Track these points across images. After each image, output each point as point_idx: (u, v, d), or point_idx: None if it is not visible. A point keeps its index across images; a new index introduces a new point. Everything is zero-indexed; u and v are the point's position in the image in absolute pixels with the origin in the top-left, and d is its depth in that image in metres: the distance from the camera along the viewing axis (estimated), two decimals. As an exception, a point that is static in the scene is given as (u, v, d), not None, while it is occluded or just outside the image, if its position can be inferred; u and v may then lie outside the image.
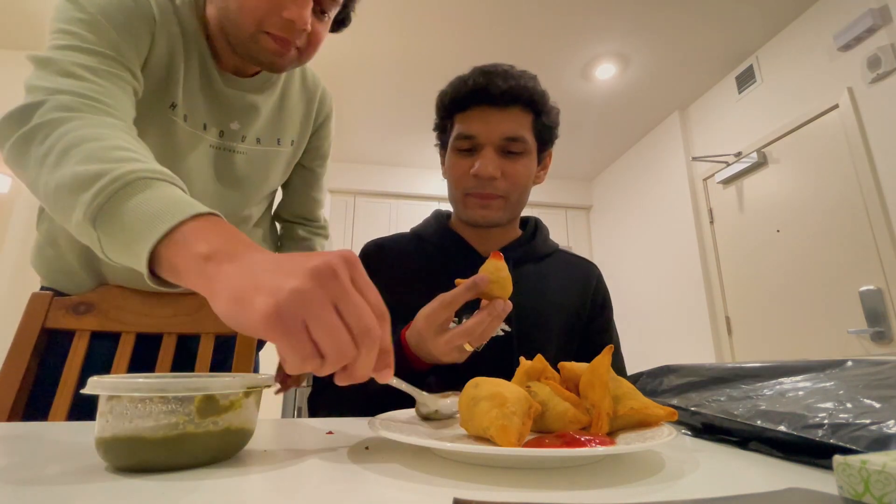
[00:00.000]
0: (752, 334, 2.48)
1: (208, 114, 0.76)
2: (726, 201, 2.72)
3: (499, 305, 0.51)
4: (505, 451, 0.29)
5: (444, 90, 0.76)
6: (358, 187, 3.98)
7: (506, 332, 0.72)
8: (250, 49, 0.69)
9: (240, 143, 0.80)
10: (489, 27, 2.40)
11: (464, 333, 0.52)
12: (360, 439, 0.41)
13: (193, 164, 0.76)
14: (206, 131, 0.76)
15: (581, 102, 3.06)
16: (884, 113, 1.89)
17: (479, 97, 0.71)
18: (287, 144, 0.87)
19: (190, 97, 0.73)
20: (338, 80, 2.88)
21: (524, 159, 0.74)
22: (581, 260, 0.86)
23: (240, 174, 0.82)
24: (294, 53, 0.71)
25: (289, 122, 0.86)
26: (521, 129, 0.72)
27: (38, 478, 0.29)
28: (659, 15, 2.31)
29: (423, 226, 0.86)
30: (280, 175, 0.89)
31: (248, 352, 0.86)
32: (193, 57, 0.71)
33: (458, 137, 0.73)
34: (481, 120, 0.71)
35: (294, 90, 0.87)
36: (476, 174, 0.70)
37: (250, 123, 0.80)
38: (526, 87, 0.71)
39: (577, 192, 4.35)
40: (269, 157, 0.84)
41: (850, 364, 0.39)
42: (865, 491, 0.21)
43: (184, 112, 0.73)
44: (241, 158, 0.81)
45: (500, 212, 0.74)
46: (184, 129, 0.73)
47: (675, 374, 0.50)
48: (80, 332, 0.79)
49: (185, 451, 0.31)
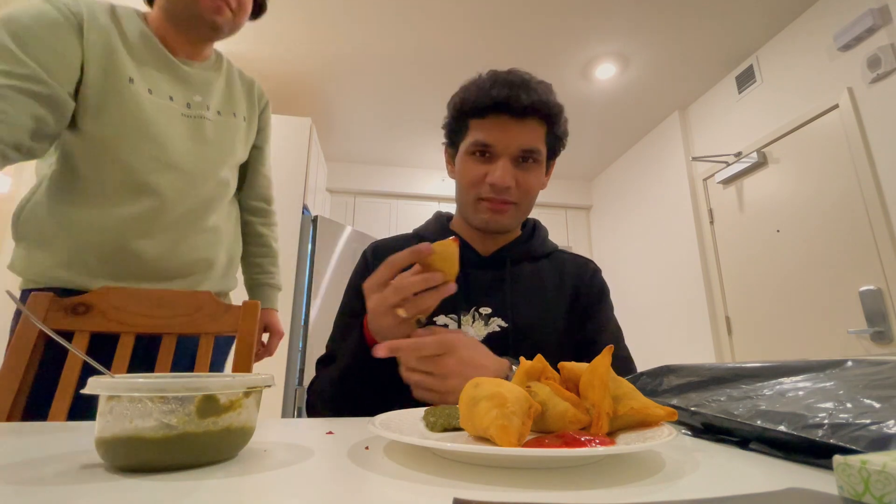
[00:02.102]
0: (752, 334, 2.48)
1: (172, 88, 0.90)
2: (726, 201, 2.72)
3: (437, 276, 0.52)
4: (505, 451, 0.29)
5: (463, 96, 0.75)
6: (358, 187, 3.98)
7: (502, 327, 0.72)
8: (192, 10, 0.87)
9: (206, 111, 0.95)
10: (490, 27, 2.40)
11: (394, 290, 0.52)
12: (360, 439, 0.41)
13: (169, 130, 0.88)
14: (173, 102, 0.90)
15: (581, 102, 3.06)
16: (884, 113, 1.89)
17: (499, 108, 0.71)
18: (241, 119, 1.02)
19: (149, 75, 0.87)
20: (338, 79, 2.88)
21: (536, 168, 0.75)
22: (578, 258, 0.86)
23: (211, 138, 0.94)
24: (229, 14, 0.90)
25: (238, 99, 1.03)
26: (536, 141, 0.73)
27: (38, 478, 0.29)
28: (659, 15, 2.31)
29: (424, 227, 0.87)
30: (242, 148, 1.03)
31: (248, 351, 0.86)
32: (133, 38, 0.87)
33: (475, 144, 0.73)
34: (500, 130, 0.72)
35: (235, 76, 1.05)
36: (493, 183, 0.71)
37: (210, 97, 0.96)
38: (546, 103, 0.72)
39: (577, 192, 4.35)
40: (231, 127, 0.99)
41: (850, 364, 0.39)
42: (865, 491, 0.21)
43: (147, 87, 0.86)
44: (210, 125, 0.95)
45: (511, 219, 0.76)
46: (152, 101, 0.86)
47: (675, 374, 0.50)
48: (79, 332, 0.79)
49: (185, 451, 0.31)
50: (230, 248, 1.03)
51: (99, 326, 0.80)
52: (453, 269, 0.53)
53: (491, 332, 0.72)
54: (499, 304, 0.74)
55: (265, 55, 2.63)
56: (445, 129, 0.81)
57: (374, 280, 0.55)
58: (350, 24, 2.36)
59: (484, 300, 0.74)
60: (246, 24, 0.97)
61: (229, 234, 1.03)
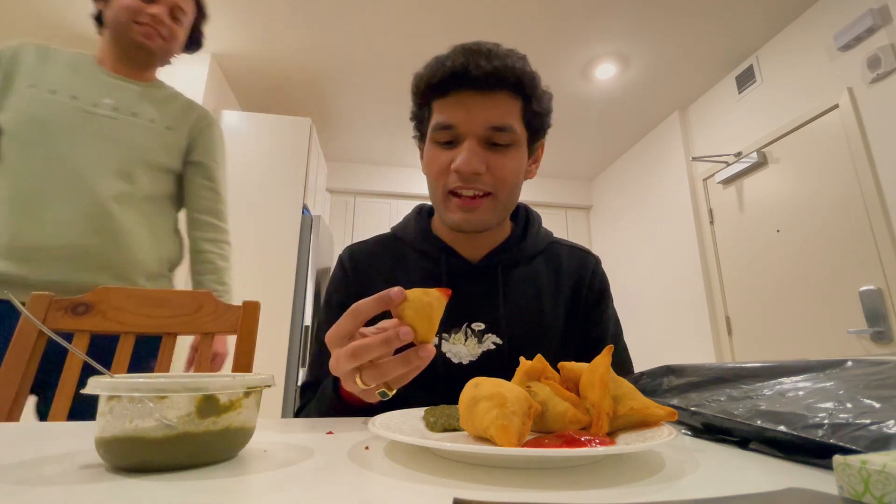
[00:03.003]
0: (752, 334, 2.48)
1: (83, 91, 1.01)
2: (726, 201, 2.72)
3: (404, 334, 0.39)
4: (505, 451, 0.29)
5: (419, 73, 0.65)
6: (358, 187, 3.98)
7: (497, 345, 0.66)
8: (127, 35, 1.03)
9: (111, 111, 1.03)
10: (490, 27, 2.40)
11: (347, 354, 0.40)
12: (360, 439, 0.41)
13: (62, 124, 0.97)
14: (77, 100, 1.00)
15: (581, 102, 3.06)
16: (884, 113, 1.88)
17: (458, 80, 0.61)
18: (162, 126, 1.09)
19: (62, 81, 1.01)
20: (338, 79, 2.88)
21: (513, 151, 0.64)
22: (575, 250, 0.78)
23: (111, 133, 1.01)
24: (160, 41, 1.06)
25: (159, 109, 1.10)
26: (508, 116, 0.62)
27: (38, 478, 0.29)
28: (659, 15, 2.31)
29: (402, 226, 0.77)
30: (163, 152, 1.08)
31: (248, 351, 0.86)
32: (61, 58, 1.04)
33: (437, 128, 0.63)
34: (462, 107, 0.61)
35: (176, 98, 1.15)
36: (457, 169, 0.61)
37: (127, 101, 1.05)
38: (513, 68, 0.61)
39: (577, 192, 4.35)
40: (145, 128, 1.06)
41: (850, 364, 0.39)
42: (865, 491, 0.21)
43: (52, 88, 0.99)
44: (112, 122, 1.02)
45: (487, 214, 0.64)
46: (51, 100, 0.98)
47: (676, 374, 0.50)
48: (79, 332, 0.79)
49: (185, 451, 0.31)
50: (141, 249, 1.02)
51: (99, 326, 0.80)
52: (431, 327, 0.41)
53: (485, 351, 0.66)
54: (492, 318, 0.67)
55: (265, 55, 2.63)
56: (413, 119, 0.72)
57: (335, 333, 0.42)
58: (350, 24, 2.36)
59: (476, 315, 0.67)
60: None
61: (140, 235, 1.03)
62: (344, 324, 0.42)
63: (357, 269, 0.73)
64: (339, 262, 0.75)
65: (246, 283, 2.45)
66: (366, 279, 0.72)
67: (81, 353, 0.36)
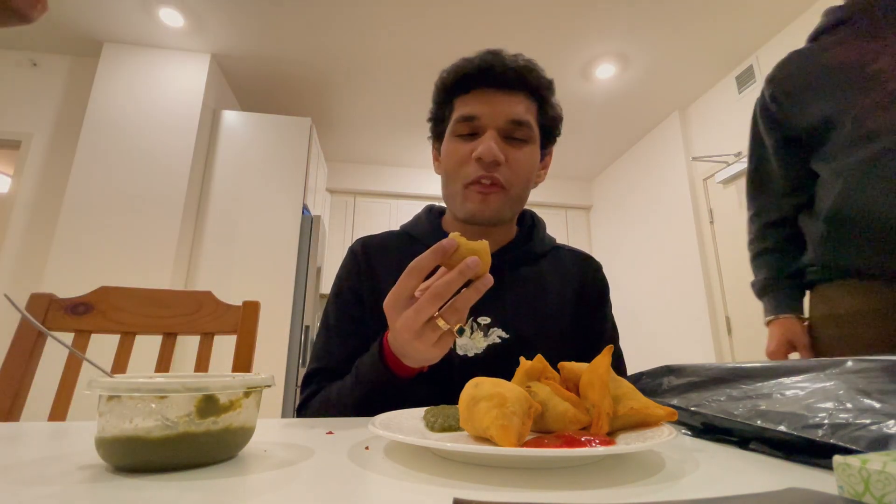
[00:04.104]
0: (752, 334, 2.48)
1: None
2: (726, 201, 2.72)
3: (473, 264, 0.43)
4: (505, 451, 0.29)
5: (446, 71, 0.71)
6: (358, 187, 3.98)
7: (503, 338, 0.68)
8: None
9: None
10: (490, 27, 2.40)
11: (431, 298, 0.43)
12: (360, 439, 0.41)
13: None
14: None
15: (581, 102, 3.07)
16: (884, 113, 1.88)
17: (484, 78, 0.67)
18: None
19: None
20: (338, 79, 2.88)
21: (528, 147, 0.69)
22: (578, 255, 0.81)
23: None
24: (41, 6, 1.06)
25: None
26: (526, 113, 0.68)
27: (38, 478, 0.29)
28: (659, 15, 2.31)
29: (413, 223, 0.80)
30: None
31: (248, 351, 0.86)
32: None
33: (459, 120, 0.68)
34: (486, 102, 0.67)
35: None
36: (479, 156, 0.65)
37: None
38: (533, 71, 0.68)
39: (577, 192, 4.35)
40: None
41: (850, 364, 0.39)
42: (865, 491, 0.21)
43: None
44: None
45: (501, 205, 0.68)
46: None
47: (676, 375, 0.50)
48: (79, 332, 0.79)
49: (185, 451, 0.31)
50: None
51: (99, 326, 0.80)
52: (485, 265, 0.45)
53: (491, 345, 0.67)
54: (498, 313, 0.69)
55: (265, 55, 2.63)
56: (431, 119, 0.76)
57: (397, 295, 0.46)
58: (350, 24, 2.36)
59: (482, 309, 0.69)
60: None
61: None
62: (405, 283, 0.46)
63: (369, 259, 0.75)
64: (351, 253, 0.77)
65: (246, 283, 2.46)
66: (377, 270, 0.73)
67: (81, 354, 0.36)
